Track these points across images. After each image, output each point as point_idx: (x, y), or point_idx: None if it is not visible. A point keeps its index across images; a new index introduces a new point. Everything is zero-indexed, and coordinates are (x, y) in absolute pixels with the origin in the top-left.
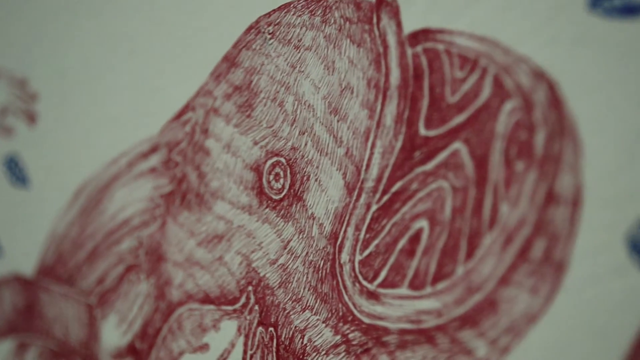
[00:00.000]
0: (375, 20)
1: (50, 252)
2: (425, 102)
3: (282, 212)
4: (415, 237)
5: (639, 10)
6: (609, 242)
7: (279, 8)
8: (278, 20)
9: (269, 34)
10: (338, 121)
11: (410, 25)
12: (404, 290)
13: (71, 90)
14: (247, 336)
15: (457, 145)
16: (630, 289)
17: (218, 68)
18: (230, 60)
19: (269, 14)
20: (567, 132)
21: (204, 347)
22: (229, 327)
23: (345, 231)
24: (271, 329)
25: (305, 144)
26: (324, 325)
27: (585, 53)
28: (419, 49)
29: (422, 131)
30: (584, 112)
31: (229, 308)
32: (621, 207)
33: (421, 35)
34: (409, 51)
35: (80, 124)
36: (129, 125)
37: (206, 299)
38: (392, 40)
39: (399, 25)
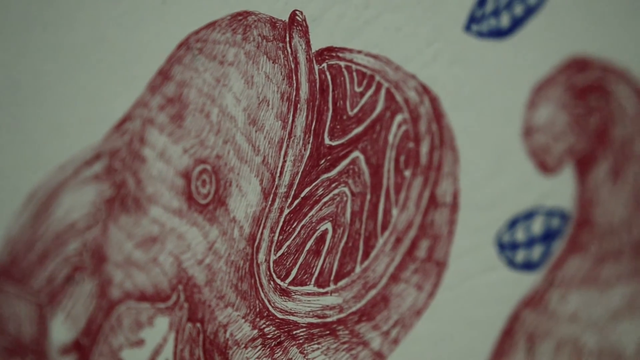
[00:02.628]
0: (287, 38)
1: (5, 253)
2: (329, 115)
3: (208, 215)
4: (321, 239)
5: (504, 33)
6: (482, 243)
7: (206, 26)
8: (205, 37)
9: (198, 50)
10: (256, 131)
11: (317, 43)
12: (311, 287)
13: (24, 100)
14: (177, 331)
15: (356, 154)
16: (500, 284)
17: (153, 81)
18: (163, 74)
19: (197, 32)
20: (446, 143)
21: (140, 342)
22: (162, 323)
23: (261, 233)
24: (198, 324)
25: (228, 153)
26: (243, 320)
27: (460, 71)
28: (324, 65)
29: (327, 141)
30: (459, 125)
31: (162, 305)
32: (492, 211)
33: (326, 52)
34: (316, 67)
35: (32, 132)
36: (76, 134)
37: (142, 297)
38: (302, 57)
39: (308, 43)
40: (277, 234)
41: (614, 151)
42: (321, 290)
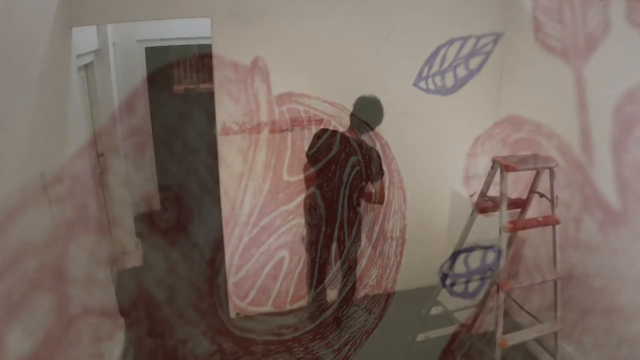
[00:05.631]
0: (249, 81)
1: None
2: (288, 153)
3: (170, 239)
4: (279, 264)
5: (448, 91)
6: (426, 272)
7: (173, 64)
8: (170, 74)
9: (162, 86)
10: (218, 164)
11: (277, 88)
12: (268, 308)
13: None
14: (137, 347)
15: (313, 189)
16: (441, 309)
17: (119, 111)
18: (128, 106)
19: (162, 69)
20: (395, 184)
21: (100, 357)
22: (122, 338)
23: (221, 257)
24: (158, 340)
25: (191, 182)
26: (202, 337)
27: (410, 120)
28: (284, 108)
29: (285, 177)
30: (407, 168)
31: (123, 321)
32: (435, 245)
33: (286, 97)
34: (276, 109)
35: None
36: (39, 155)
37: (103, 313)
38: (263, 99)
39: (268, 87)
40: (236, 259)
41: (541, 196)
42: (278, 311)
